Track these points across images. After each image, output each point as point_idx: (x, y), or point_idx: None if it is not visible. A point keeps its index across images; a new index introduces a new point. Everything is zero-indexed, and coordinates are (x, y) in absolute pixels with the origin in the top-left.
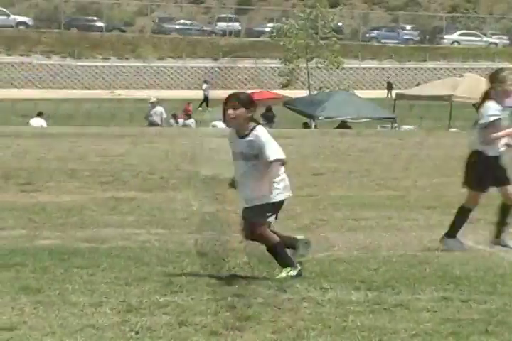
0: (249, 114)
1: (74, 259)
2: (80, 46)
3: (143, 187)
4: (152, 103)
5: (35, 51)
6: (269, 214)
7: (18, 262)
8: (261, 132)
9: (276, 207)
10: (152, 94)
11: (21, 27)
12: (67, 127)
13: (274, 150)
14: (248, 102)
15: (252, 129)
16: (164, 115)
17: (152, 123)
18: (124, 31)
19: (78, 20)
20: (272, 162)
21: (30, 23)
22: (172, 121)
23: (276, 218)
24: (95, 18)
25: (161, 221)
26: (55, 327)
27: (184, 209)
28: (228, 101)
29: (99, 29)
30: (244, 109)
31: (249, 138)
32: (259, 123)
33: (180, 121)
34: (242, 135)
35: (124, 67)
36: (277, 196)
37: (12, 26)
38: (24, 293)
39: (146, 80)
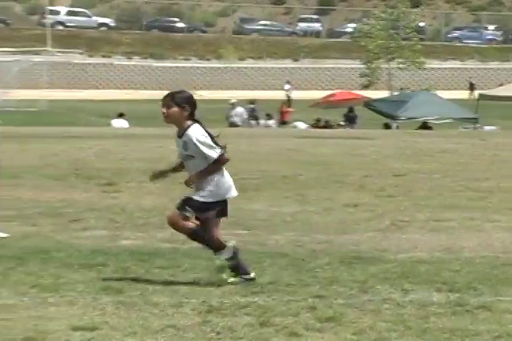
0: (185, 113)
1: (155, 260)
2: (161, 47)
3: None
4: (232, 104)
5: (116, 52)
6: (189, 209)
7: (99, 262)
8: (192, 133)
9: (203, 207)
10: (233, 95)
11: (103, 28)
12: (149, 128)
13: (211, 149)
14: (183, 101)
15: (186, 129)
16: (245, 116)
17: (232, 124)
18: (204, 32)
19: (159, 21)
20: (216, 160)
21: (112, 24)
22: (253, 122)
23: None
24: (176, 19)
25: (242, 222)
26: (136, 328)
27: (265, 209)
28: (163, 100)
29: (180, 30)
30: (177, 108)
31: (184, 138)
32: (197, 122)
33: (262, 121)
34: (179, 134)
35: (204, 67)
36: (210, 197)
37: (94, 27)
38: (105, 293)
39: (226, 81)
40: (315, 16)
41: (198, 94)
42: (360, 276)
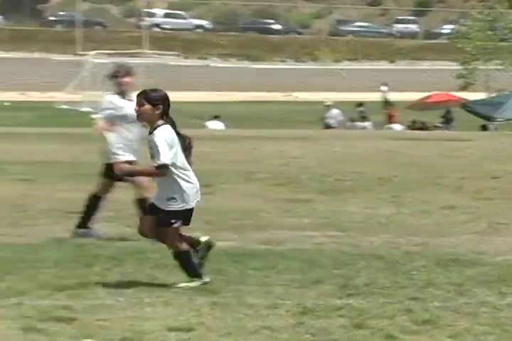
0: (157, 112)
1: (249, 261)
2: (257, 49)
3: (319, 189)
4: (327, 106)
5: (212, 54)
6: (173, 221)
7: None
8: (158, 133)
9: (183, 214)
10: (328, 97)
11: (199, 30)
12: (244, 130)
13: (161, 155)
14: (156, 100)
15: (156, 128)
16: (341, 117)
17: (328, 126)
18: (300, 34)
19: (255, 23)
20: (155, 166)
21: (208, 26)
22: (349, 123)
23: (187, 224)
24: (272, 21)
25: (337, 223)
26: (231, 328)
27: (360, 211)
28: (137, 97)
29: (276, 32)
30: (150, 106)
31: (150, 136)
32: (167, 123)
33: (358, 123)
34: (150, 132)
35: (300, 69)
36: (185, 204)
37: (190, 29)
38: (200, 294)
39: (322, 82)
40: (411, 17)
41: (294, 96)
42: (456, 279)
